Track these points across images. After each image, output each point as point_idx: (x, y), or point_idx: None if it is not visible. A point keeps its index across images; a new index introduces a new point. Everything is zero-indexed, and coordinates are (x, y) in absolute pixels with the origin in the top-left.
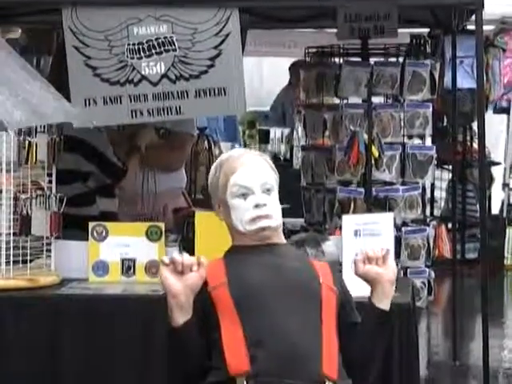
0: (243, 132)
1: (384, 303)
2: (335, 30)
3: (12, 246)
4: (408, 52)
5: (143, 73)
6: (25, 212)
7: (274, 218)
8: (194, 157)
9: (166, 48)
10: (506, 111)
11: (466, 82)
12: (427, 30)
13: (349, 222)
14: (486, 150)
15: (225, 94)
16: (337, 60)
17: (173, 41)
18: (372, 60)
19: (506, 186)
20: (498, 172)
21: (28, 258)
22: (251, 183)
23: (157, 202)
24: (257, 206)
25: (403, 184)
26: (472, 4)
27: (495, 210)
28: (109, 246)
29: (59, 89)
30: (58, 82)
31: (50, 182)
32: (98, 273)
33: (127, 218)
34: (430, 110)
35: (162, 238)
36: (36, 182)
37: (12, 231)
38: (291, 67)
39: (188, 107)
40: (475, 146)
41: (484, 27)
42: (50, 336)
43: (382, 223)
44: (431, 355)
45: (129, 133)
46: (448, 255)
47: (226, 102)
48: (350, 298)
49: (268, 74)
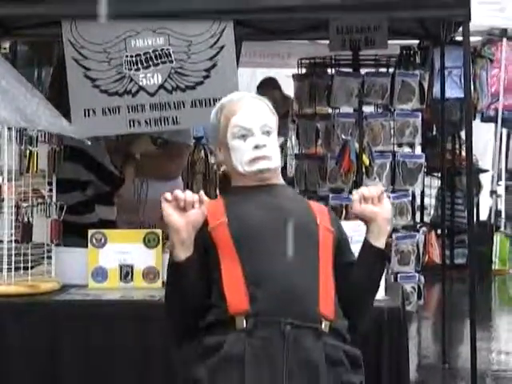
0: None
1: (380, 242)
2: (327, 42)
3: (14, 252)
4: (398, 63)
5: (141, 84)
6: (26, 220)
7: (273, 159)
8: (191, 166)
9: (162, 60)
10: (493, 120)
11: (454, 91)
12: (417, 42)
13: None
14: (474, 157)
15: None
16: (329, 71)
17: (169, 53)
18: (363, 71)
19: (493, 192)
20: (486, 179)
21: (29, 265)
22: (251, 124)
23: (154, 209)
24: (256, 147)
25: (393, 191)
26: (460, 16)
27: (483, 216)
28: (108, 252)
29: (59, 101)
30: (59, 93)
31: (50, 190)
32: (97, 279)
33: (125, 226)
34: (420, 119)
35: (160, 245)
36: (37, 190)
37: (14, 238)
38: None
39: (184, 117)
40: (464, 154)
41: (472, 38)
42: (50, 340)
43: None
44: (421, 358)
45: (125, 141)
46: (438, 260)
47: None
48: (347, 238)
49: None
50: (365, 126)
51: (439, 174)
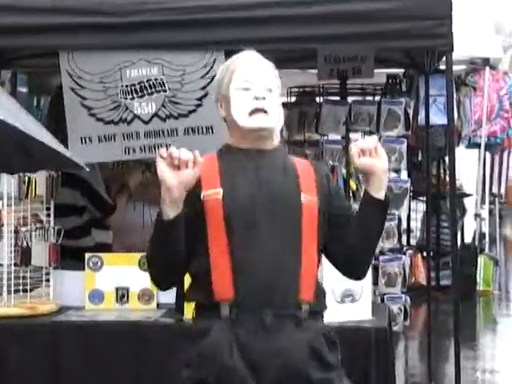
0: None
1: (380, 193)
2: (316, 71)
3: (13, 276)
4: (384, 91)
5: (135, 112)
6: (25, 244)
7: (271, 115)
8: None
9: (156, 89)
10: (478, 146)
11: (438, 118)
12: (402, 71)
13: None
14: (459, 182)
15: (212, 132)
16: (317, 99)
17: (163, 82)
18: (350, 99)
19: (477, 216)
20: (470, 203)
21: (28, 287)
22: (254, 78)
23: (149, 233)
24: (256, 98)
25: None
26: (443, 46)
27: (468, 239)
28: (104, 275)
29: (56, 128)
30: (56, 121)
31: (48, 215)
32: (93, 301)
33: (121, 249)
34: (405, 146)
35: None
36: (35, 215)
37: (13, 262)
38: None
39: (178, 144)
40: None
41: (455, 67)
42: (49, 360)
43: None
44: (408, 377)
45: (120, 172)
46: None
47: (214, 140)
48: (337, 189)
49: None
50: None
51: (425, 198)
